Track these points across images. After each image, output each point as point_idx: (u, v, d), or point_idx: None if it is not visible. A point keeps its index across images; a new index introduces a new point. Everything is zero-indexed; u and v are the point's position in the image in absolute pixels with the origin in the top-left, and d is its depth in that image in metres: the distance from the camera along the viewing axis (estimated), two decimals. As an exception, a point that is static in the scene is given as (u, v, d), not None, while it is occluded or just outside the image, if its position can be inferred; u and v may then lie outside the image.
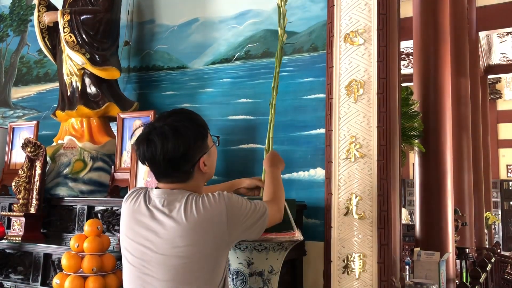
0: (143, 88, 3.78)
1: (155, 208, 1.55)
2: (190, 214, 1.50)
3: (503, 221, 14.87)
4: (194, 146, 1.60)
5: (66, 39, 3.44)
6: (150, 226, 1.53)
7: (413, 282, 2.96)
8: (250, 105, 3.24)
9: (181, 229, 1.49)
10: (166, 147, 1.54)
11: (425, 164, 4.58)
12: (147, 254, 1.52)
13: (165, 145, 1.54)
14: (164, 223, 1.52)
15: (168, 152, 1.54)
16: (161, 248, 1.50)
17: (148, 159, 1.58)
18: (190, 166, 1.61)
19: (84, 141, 3.44)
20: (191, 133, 1.60)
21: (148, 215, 1.55)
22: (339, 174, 2.44)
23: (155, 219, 1.53)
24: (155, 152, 1.54)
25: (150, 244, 1.52)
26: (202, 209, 1.51)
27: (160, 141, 1.55)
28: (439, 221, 4.44)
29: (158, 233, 1.51)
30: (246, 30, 3.37)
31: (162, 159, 1.54)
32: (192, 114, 1.69)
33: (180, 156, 1.56)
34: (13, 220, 3.19)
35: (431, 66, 4.70)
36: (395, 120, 2.50)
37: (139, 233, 1.55)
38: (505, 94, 15.29)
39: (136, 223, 1.57)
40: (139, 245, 1.54)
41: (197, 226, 1.49)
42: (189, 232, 1.49)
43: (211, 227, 1.51)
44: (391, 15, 2.51)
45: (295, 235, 2.03)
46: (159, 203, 1.56)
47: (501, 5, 8.50)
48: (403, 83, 3.83)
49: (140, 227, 1.55)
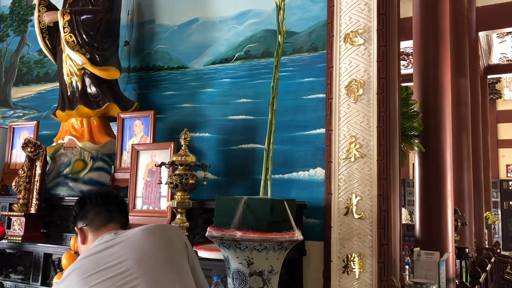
0: (143, 88, 3.78)
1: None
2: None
3: (503, 221, 14.86)
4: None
5: (66, 39, 3.44)
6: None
7: (413, 282, 2.96)
8: (250, 105, 3.25)
9: None
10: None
11: (425, 164, 4.58)
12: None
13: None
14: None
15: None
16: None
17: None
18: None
19: (84, 141, 3.44)
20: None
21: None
22: (339, 174, 2.44)
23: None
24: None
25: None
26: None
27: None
28: (439, 221, 4.44)
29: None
30: (246, 30, 3.37)
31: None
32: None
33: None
34: (13, 220, 3.19)
35: (431, 66, 4.70)
36: (395, 120, 2.50)
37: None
38: (505, 94, 15.29)
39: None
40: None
41: None
42: None
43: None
44: (391, 15, 2.51)
45: (295, 235, 2.03)
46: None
47: (501, 5, 8.50)
48: (403, 83, 3.83)
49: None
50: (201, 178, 2.93)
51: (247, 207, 2.02)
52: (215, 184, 3.18)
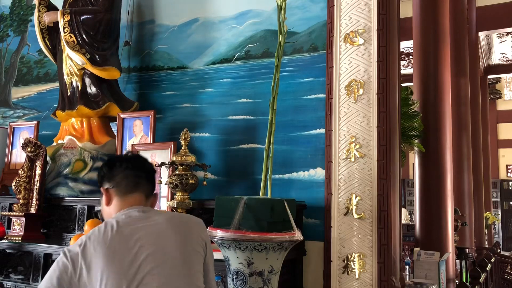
0: (143, 88, 3.78)
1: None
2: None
3: (503, 221, 14.86)
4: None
5: (66, 39, 3.44)
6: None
7: (413, 282, 2.96)
8: (250, 105, 3.25)
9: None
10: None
11: (425, 164, 4.58)
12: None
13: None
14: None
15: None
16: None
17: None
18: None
19: (84, 141, 3.44)
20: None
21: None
22: (339, 174, 2.44)
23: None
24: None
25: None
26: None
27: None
28: (439, 221, 4.44)
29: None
30: (246, 30, 3.37)
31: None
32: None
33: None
34: (13, 220, 3.19)
35: (431, 66, 4.70)
36: (395, 120, 2.50)
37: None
38: (505, 94, 15.30)
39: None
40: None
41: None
42: None
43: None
44: (391, 15, 2.51)
45: (295, 235, 2.03)
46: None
47: (501, 5, 8.50)
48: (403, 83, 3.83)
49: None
50: (201, 178, 2.93)
51: (247, 207, 2.02)
52: (215, 184, 3.18)
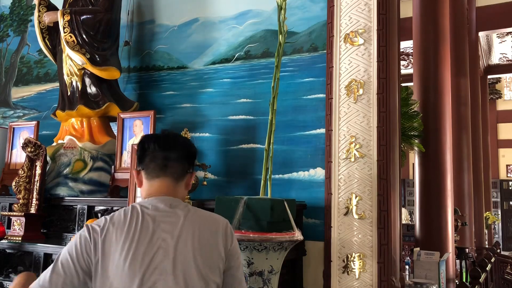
0: (143, 88, 3.78)
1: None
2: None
3: (503, 221, 14.87)
4: (194, 158, 1.68)
5: (66, 39, 3.44)
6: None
7: (413, 282, 2.96)
8: (250, 105, 3.25)
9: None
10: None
11: (425, 164, 4.58)
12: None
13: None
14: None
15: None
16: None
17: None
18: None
19: (84, 141, 3.44)
20: (196, 150, 1.71)
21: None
22: (339, 174, 2.44)
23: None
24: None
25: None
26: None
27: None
28: (439, 221, 4.44)
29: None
30: (246, 30, 3.37)
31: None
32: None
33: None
34: (13, 220, 3.19)
35: (431, 66, 4.70)
36: (395, 120, 2.50)
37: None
38: (505, 94, 15.30)
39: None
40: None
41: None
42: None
43: None
44: (391, 15, 2.51)
45: (295, 235, 2.03)
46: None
47: (501, 5, 8.50)
48: (403, 83, 3.84)
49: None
50: (201, 178, 2.93)
51: (247, 207, 2.02)
52: (215, 184, 3.18)
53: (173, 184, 1.56)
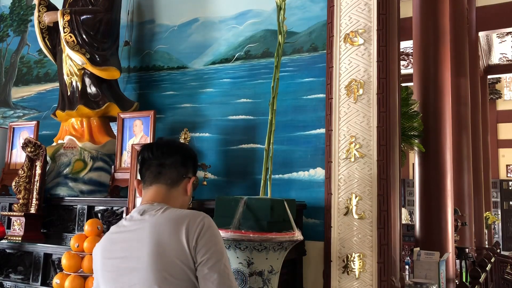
0: (143, 88, 3.78)
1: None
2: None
3: (503, 221, 14.87)
4: (192, 162, 1.69)
5: (66, 39, 3.44)
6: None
7: (413, 282, 2.96)
8: (250, 105, 3.25)
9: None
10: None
11: (425, 164, 4.58)
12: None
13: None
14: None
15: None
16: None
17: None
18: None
19: (84, 141, 3.44)
20: (194, 154, 1.73)
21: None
22: (339, 174, 2.44)
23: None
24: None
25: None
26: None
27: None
28: (439, 221, 4.44)
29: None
30: (246, 30, 3.37)
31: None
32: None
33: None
34: (13, 220, 3.19)
35: (431, 66, 4.70)
36: (395, 120, 2.50)
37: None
38: (505, 94, 15.30)
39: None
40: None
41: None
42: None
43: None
44: (391, 15, 2.51)
45: (295, 235, 2.03)
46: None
47: (501, 5, 8.51)
48: (403, 83, 3.83)
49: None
50: (201, 178, 2.93)
51: (247, 207, 2.02)
52: (215, 184, 3.18)
53: (166, 190, 1.59)
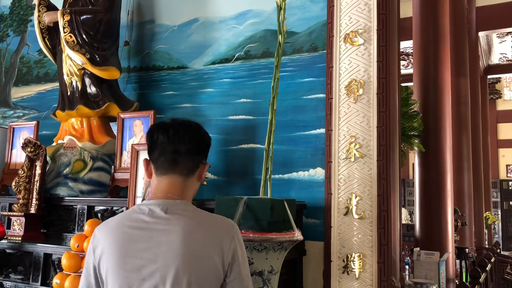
0: (143, 88, 3.78)
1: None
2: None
3: (503, 221, 14.88)
4: (207, 148, 1.59)
5: (66, 39, 3.44)
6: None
7: (413, 282, 2.96)
8: (250, 105, 3.25)
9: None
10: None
11: (425, 164, 4.58)
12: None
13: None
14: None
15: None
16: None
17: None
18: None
19: (84, 141, 3.44)
20: (209, 138, 1.61)
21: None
22: (339, 174, 2.44)
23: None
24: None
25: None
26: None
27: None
28: (439, 221, 4.44)
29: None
30: (246, 30, 3.37)
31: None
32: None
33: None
34: (13, 220, 3.19)
35: (431, 66, 4.70)
36: (395, 120, 2.50)
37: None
38: (505, 94, 15.31)
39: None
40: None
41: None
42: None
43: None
44: (391, 15, 2.51)
45: (295, 235, 2.03)
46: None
47: (501, 5, 8.51)
48: (403, 83, 3.83)
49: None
50: (201, 178, 2.93)
51: (247, 207, 2.02)
52: (215, 184, 3.18)
53: (183, 181, 1.49)
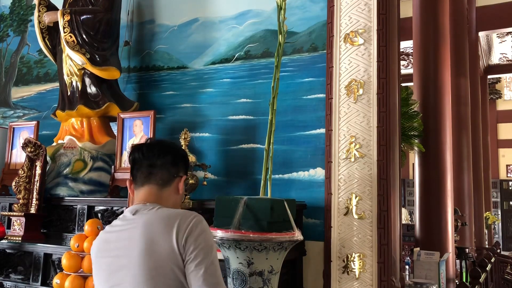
0: (143, 88, 3.78)
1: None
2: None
3: (503, 221, 14.87)
4: (183, 162, 1.70)
5: (66, 39, 3.44)
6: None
7: (413, 282, 2.96)
8: (250, 105, 3.25)
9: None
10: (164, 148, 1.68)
11: (425, 164, 4.58)
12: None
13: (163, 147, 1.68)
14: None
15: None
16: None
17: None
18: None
19: (84, 141, 3.44)
20: (185, 153, 1.76)
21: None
22: (339, 174, 2.44)
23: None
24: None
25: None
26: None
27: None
28: (439, 221, 4.44)
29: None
30: (246, 30, 3.37)
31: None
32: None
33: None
34: (13, 220, 3.19)
35: (431, 66, 4.70)
36: (395, 120, 2.50)
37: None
38: (505, 94, 15.31)
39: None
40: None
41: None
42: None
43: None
44: (391, 15, 2.51)
45: (295, 235, 2.03)
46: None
47: (501, 5, 8.50)
48: (403, 83, 3.84)
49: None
50: (201, 178, 2.93)
51: (247, 207, 2.02)
52: (215, 184, 3.18)
53: (158, 190, 1.59)
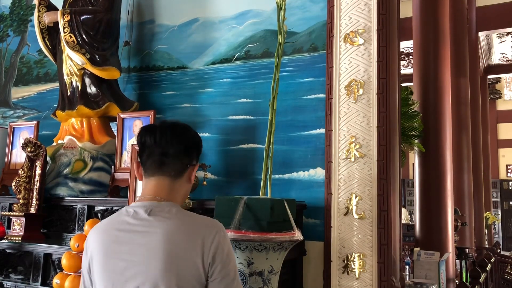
0: (143, 88, 3.78)
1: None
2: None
3: (503, 221, 14.88)
4: (196, 149, 1.58)
5: (66, 39, 3.44)
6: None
7: (413, 282, 2.96)
8: (250, 105, 3.24)
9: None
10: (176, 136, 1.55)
11: (425, 164, 4.58)
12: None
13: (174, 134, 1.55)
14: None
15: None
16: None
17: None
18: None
19: (84, 141, 3.44)
20: (198, 139, 1.61)
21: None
22: (339, 174, 2.44)
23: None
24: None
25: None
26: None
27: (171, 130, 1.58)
28: (439, 221, 4.44)
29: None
30: (246, 30, 3.37)
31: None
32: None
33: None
34: (13, 220, 3.19)
35: (431, 66, 4.70)
36: (395, 120, 2.50)
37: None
38: (505, 94, 15.31)
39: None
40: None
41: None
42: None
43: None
44: (391, 15, 2.51)
45: (295, 235, 2.03)
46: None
47: (501, 5, 8.51)
48: (403, 83, 3.84)
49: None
50: (201, 178, 2.93)
51: (247, 207, 2.02)
52: (215, 184, 3.18)
53: (170, 182, 1.48)
